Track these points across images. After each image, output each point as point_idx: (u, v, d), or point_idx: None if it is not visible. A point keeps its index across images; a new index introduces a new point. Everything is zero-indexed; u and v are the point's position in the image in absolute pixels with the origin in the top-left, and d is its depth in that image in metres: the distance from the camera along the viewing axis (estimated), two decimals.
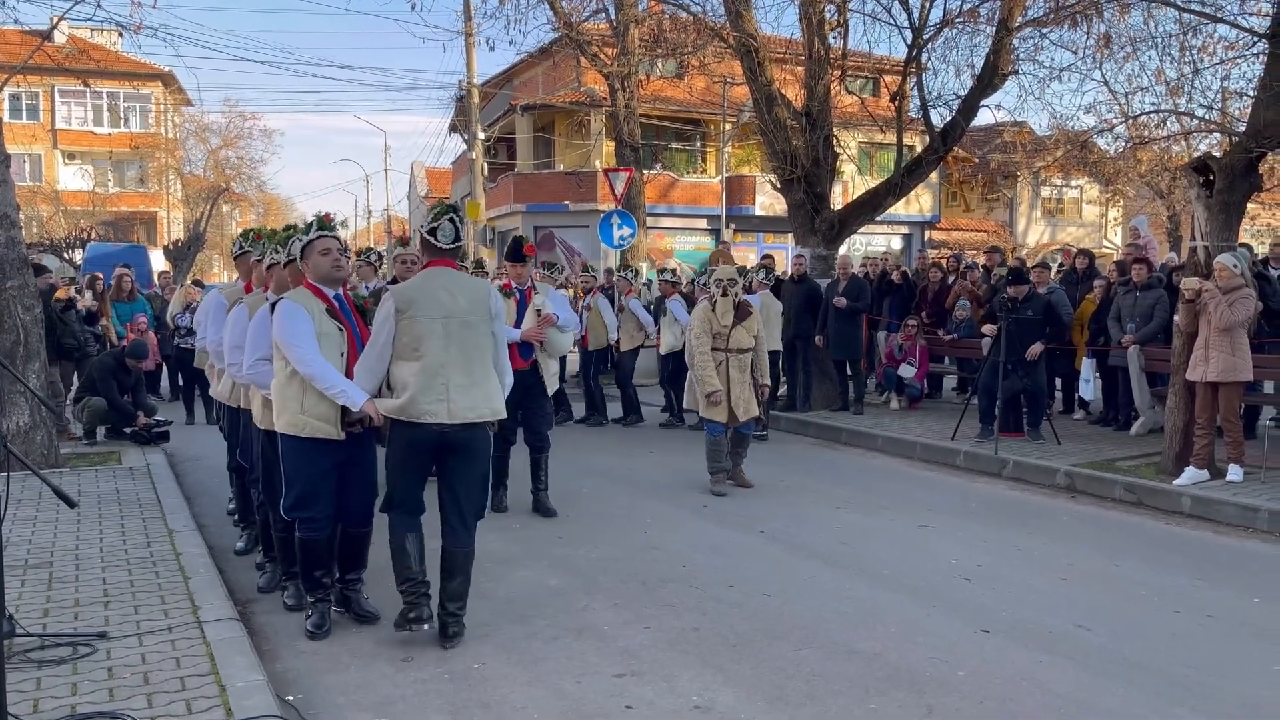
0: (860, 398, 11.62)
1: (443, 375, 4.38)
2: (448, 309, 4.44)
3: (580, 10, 17.10)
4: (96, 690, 3.78)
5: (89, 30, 26.41)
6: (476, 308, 4.53)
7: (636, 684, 4.18)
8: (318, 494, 4.57)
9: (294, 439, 4.52)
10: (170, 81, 40.40)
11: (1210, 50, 10.78)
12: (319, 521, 4.60)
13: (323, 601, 4.73)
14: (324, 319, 4.53)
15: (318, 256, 4.59)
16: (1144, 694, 4.12)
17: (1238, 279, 7.58)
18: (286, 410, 4.52)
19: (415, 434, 4.40)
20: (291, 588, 5.10)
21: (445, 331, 4.41)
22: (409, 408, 4.37)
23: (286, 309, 4.49)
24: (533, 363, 7.03)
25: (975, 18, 11.62)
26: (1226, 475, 7.63)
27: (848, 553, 6.22)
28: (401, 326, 4.40)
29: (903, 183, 12.18)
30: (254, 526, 5.88)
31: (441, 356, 4.39)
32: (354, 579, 4.93)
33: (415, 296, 4.43)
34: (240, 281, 5.95)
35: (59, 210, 36.69)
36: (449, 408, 4.38)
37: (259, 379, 4.82)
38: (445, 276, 4.53)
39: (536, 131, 29.45)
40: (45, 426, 8.29)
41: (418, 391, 4.34)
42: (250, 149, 44.14)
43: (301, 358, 4.41)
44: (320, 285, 4.62)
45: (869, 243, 30.10)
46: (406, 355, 4.41)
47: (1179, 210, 26.45)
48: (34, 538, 5.97)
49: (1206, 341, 7.58)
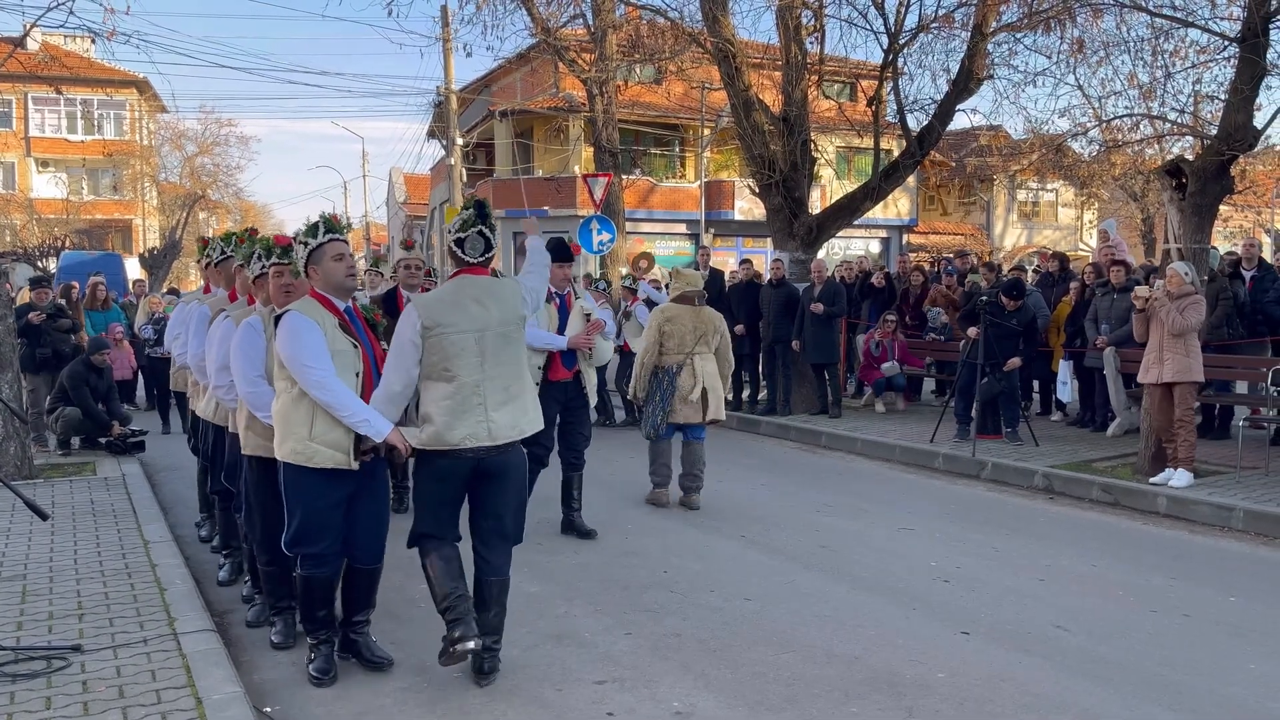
0: (838, 401, 11.66)
1: (479, 395, 3.98)
2: (481, 322, 4.02)
3: (558, 16, 17.07)
4: (71, 704, 3.74)
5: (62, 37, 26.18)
6: (511, 316, 4.14)
7: (618, 690, 4.17)
8: (325, 527, 4.08)
9: (299, 469, 4.01)
10: (145, 88, 40.13)
11: (1182, 54, 10.89)
12: (326, 558, 4.12)
13: (325, 643, 4.26)
14: (336, 334, 4.01)
15: (330, 262, 4.05)
16: (1121, 693, 4.15)
17: (1188, 286, 7.72)
18: (291, 436, 4.00)
19: (449, 462, 3.99)
20: (280, 624, 4.68)
21: (480, 348, 4.00)
22: (445, 435, 3.94)
23: (297, 323, 3.94)
24: (575, 373, 6.53)
25: (950, 23, 11.71)
26: (1171, 481, 7.63)
27: (828, 556, 6.23)
28: (429, 345, 3.96)
29: (880, 187, 12.25)
30: (238, 554, 5.54)
31: (477, 375, 3.98)
32: (361, 621, 4.41)
33: (444, 310, 3.99)
34: (220, 291, 5.49)
35: (33, 218, 36.33)
36: (489, 429, 3.98)
37: (256, 400, 4.31)
38: (476, 285, 4.09)
39: (515, 137, 29.39)
40: (18, 437, 8.20)
41: (453, 416, 3.93)
42: (226, 156, 43.84)
43: (319, 381, 3.90)
44: (330, 296, 4.09)
45: (847, 246, 30.22)
46: (436, 376, 3.98)
47: (1153, 213, 26.72)
48: (7, 550, 5.90)
49: (1160, 345, 7.72)
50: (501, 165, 30.24)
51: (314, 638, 4.26)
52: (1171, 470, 7.73)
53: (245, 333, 4.37)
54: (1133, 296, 8.03)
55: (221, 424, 5.11)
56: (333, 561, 4.16)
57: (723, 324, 7.66)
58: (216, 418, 5.21)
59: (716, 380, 7.43)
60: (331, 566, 4.17)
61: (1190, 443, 7.72)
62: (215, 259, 5.56)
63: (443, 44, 21.85)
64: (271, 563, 4.56)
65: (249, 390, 4.33)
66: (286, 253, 4.30)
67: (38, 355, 10.00)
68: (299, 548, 4.12)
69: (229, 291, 5.28)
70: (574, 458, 6.73)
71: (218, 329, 4.81)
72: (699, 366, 7.31)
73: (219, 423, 5.17)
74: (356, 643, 4.39)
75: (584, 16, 17.20)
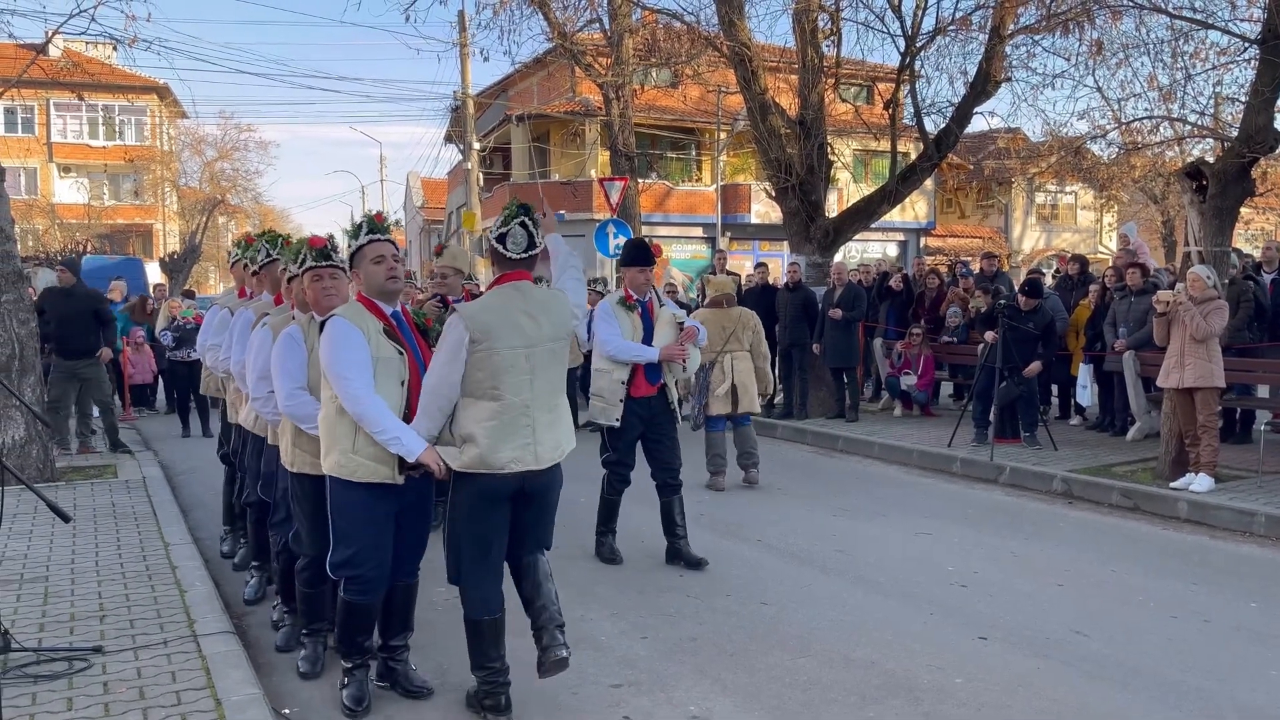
0: (855, 405, 11.63)
1: (527, 416, 3.73)
2: (531, 337, 3.75)
3: (574, 20, 17.12)
4: (92, 705, 3.77)
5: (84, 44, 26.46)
6: (560, 330, 3.90)
7: (634, 694, 4.18)
8: (373, 547, 3.83)
9: (344, 483, 3.79)
10: (166, 94, 40.47)
11: (1202, 56, 10.84)
12: (371, 582, 3.85)
13: (361, 668, 4.02)
14: (381, 341, 3.77)
15: (370, 265, 3.83)
16: (1140, 699, 4.12)
17: (1210, 290, 7.66)
18: (335, 449, 3.79)
19: (491, 484, 3.72)
20: (310, 647, 4.41)
21: (530, 365, 3.74)
22: (489, 458, 3.67)
23: (339, 331, 3.72)
24: (660, 387, 6.05)
25: (968, 26, 11.68)
26: (1191, 486, 7.59)
27: (844, 560, 6.22)
28: (475, 359, 3.67)
29: (897, 190, 12.23)
30: (267, 570, 5.30)
31: (526, 394, 3.73)
32: (400, 645, 4.16)
33: (492, 322, 3.70)
34: (265, 295, 5.20)
35: (55, 224, 36.71)
36: (536, 452, 3.75)
37: (298, 411, 4.06)
38: (523, 296, 3.81)
39: (532, 141, 29.49)
40: (40, 440, 8.28)
41: (498, 439, 3.67)
42: (246, 161, 44.22)
43: (352, 394, 3.67)
44: (375, 300, 3.88)
45: (864, 249, 30.16)
46: (480, 394, 3.70)
47: (1173, 215, 26.52)
48: (29, 552, 5.96)
49: (1181, 349, 7.65)
50: (518, 170, 30.33)
51: (350, 661, 4.01)
52: (1192, 475, 7.67)
53: (284, 344, 4.14)
54: (1154, 300, 7.98)
55: (262, 434, 4.84)
56: (379, 587, 3.90)
57: (754, 319, 7.97)
58: (257, 428, 4.95)
59: (746, 376, 8.03)
60: (378, 594, 3.91)
61: (1212, 447, 7.66)
62: (261, 262, 5.24)
63: (460, 49, 21.96)
64: (312, 583, 4.27)
65: (289, 404, 4.09)
66: (322, 255, 4.11)
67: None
68: (345, 570, 3.85)
69: (274, 296, 5.03)
70: (670, 478, 6.13)
71: (255, 337, 4.60)
72: (729, 364, 7.98)
73: (259, 433, 4.91)
74: (395, 671, 4.15)
75: (600, 21, 17.26)
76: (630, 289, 6.06)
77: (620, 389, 5.90)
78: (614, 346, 5.89)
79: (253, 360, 4.51)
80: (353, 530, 3.82)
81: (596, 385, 6.02)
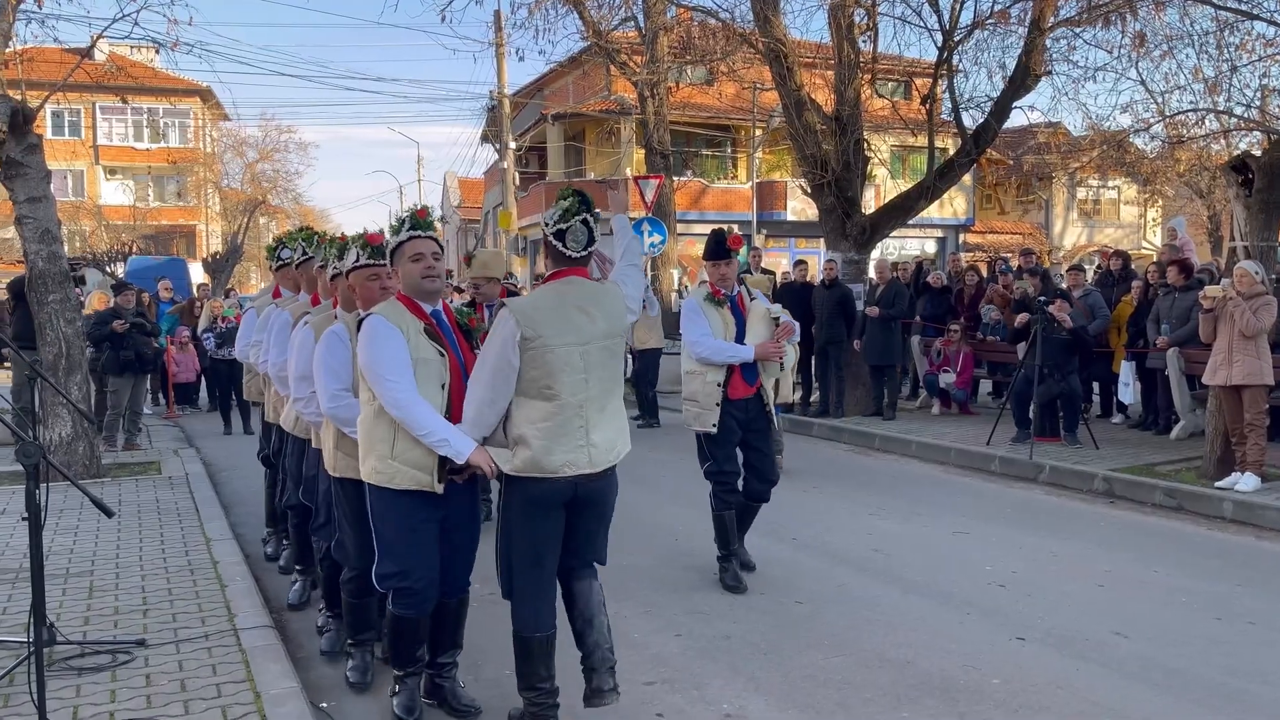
0: (894, 403, 11.54)
1: (581, 417, 3.53)
2: (586, 334, 3.55)
3: (609, 19, 17.16)
4: (135, 697, 3.84)
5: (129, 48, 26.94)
6: (617, 327, 3.69)
7: (667, 692, 4.18)
8: (418, 557, 3.65)
9: (383, 491, 3.63)
10: (208, 97, 41.10)
11: (1248, 47, 10.63)
12: (419, 593, 3.67)
13: (413, 676, 3.87)
14: (421, 341, 3.60)
15: (408, 263, 3.67)
16: (1181, 701, 4.06)
17: (1259, 285, 7.51)
18: (373, 454, 3.63)
19: (543, 489, 3.52)
20: (358, 657, 4.27)
21: (585, 363, 3.54)
22: (542, 461, 3.47)
23: (377, 330, 3.56)
24: (758, 388, 5.57)
25: (1006, 19, 11.54)
26: (1237, 485, 7.44)
27: (880, 560, 6.17)
28: (527, 358, 3.46)
29: (934, 186, 12.10)
30: (311, 574, 5.25)
31: (580, 394, 3.53)
32: (448, 663, 3.98)
33: (545, 319, 3.50)
34: (302, 295, 5.12)
35: (101, 225, 37.41)
36: (590, 454, 3.54)
37: (342, 414, 3.91)
38: (578, 291, 3.61)
39: (567, 140, 29.61)
40: (87, 437, 8.45)
41: (551, 440, 3.48)
42: (286, 162, 44.72)
43: (395, 397, 3.50)
44: (414, 299, 3.70)
45: (902, 246, 29.90)
46: (533, 394, 3.49)
47: (1219, 210, 26.00)
48: (75, 547, 6.09)
49: (1229, 346, 7.51)
50: (554, 168, 30.46)
51: (400, 669, 3.87)
52: (1238, 474, 7.52)
53: (329, 343, 4.00)
54: (1201, 297, 7.84)
55: (304, 436, 4.71)
56: (428, 599, 3.71)
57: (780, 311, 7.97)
58: (298, 429, 4.81)
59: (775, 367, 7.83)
60: (426, 605, 3.71)
61: (1259, 446, 7.51)
62: (297, 260, 5.18)
63: (495, 49, 22.06)
64: (358, 594, 4.14)
65: (332, 406, 3.94)
66: (378, 252, 3.92)
67: (121, 358, 10.30)
68: (391, 581, 3.67)
69: (311, 296, 4.92)
70: (763, 494, 5.67)
71: (297, 336, 4.48)
72: None
73: (301, 435, 4.77)
74: (443, 688, 3.97)
75: (635, 19, 17.27)
76: (714, 283, 5.57)
77: (716, 391, 5.44)
78: (706, 347, 5.42)
79: (295, 360, 4.40)
80: (398, 540, 3.63)
81: (689, 389, 5.58)
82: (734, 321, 5.50)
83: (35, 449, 3.32)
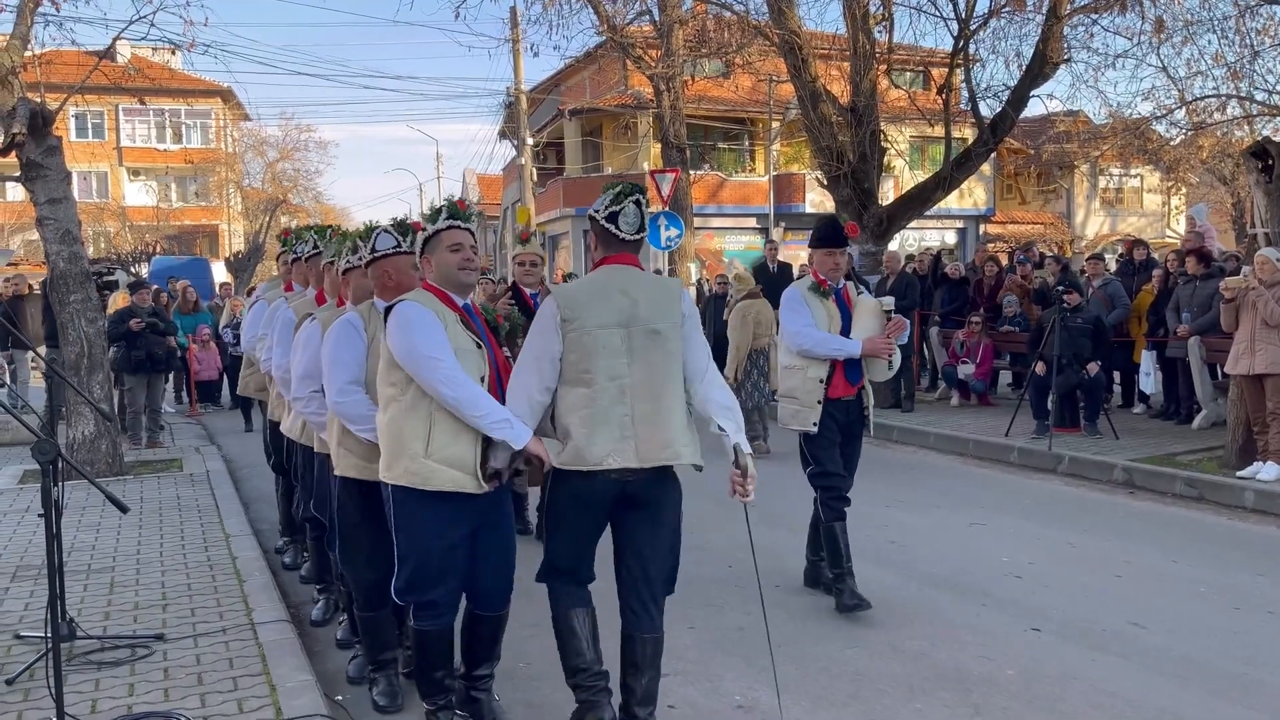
0: (911, 394, 11.49)
1: (624, 404, 3.34)
2: (627, 315, 3.36)
3: (624, 13, 17.15)
4: (152, 691, 3.89)
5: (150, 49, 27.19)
6: (665, 310, 3.43)
7: (680, 684, 4.19)
8: (446, 569, 3.41)
9: (414, 494, 3.34)
10: (229, 97, 41.37)
11: (1270, 32, 10.51)
12: (442, 607, 3.46)
13: (445, 709, 3.62)
14: (457, 331, 3.38)
15: (445, 253, 3.44)
16: (1199, 692, 4.02)
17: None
18: (405, 455, 3.34)
19: (588, 485, 3.37)
20: (383, 682, 3.97)
21: (627, 346, 3.36)
22: (584, 453, 3.31)
23: (413, 314, 3.32)
24: (859, 389, 5.15)
25: (1023, 7, 11.47)
26: (1259, 474, 7.36)
27: (897, 551, 6.15)
28: (568, 341, 3.34)
29: (952, 176, 12.05)
30: (332, 593, 4.96)
31: (620, 378, 3.34)
32: (484, 675, 3.72)
33: (586, 301, 3.37)
34: (309, 291, 4.94)
35: (125, 226, 37.80)
36: (635, 446, 3.33)
37: (349, 410, 3.68)
38: (624, 276, 3.44)
39: (584, 135, 29.60)
40: (109, 436, 8.55)
41: (592, 428, 3.32)
42: (306, 161, 45.03)
43: (447, 375, 3.25)
44: (446, 290, 3.49)
45: (921, 238, 29.73)
46: (574, 380, 3.36)
47: (1243, 197, 25.69)
48: (97, 543, 6.16)
49: (1251, 335, 7.43)
50: (571, 164, 30.48)
51: (430, 703, 3.61)
52: (1260, 463, 7.44)
53: (341, 331, 3.77)
54: (1222, 288, 7.76)
55: (309, 444, 4.41)
56: (451, 612, 3.52)
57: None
58: (303, 438, 4.50)
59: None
60: (450, 616, 3.51)
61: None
62: (306, 254, 5.00)
63: (512, 45, 22.10)
64: (369, 607, 3.91)
65: (338, 400, 3.70)
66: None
67: (133, 357, 10.40)
68: (413, 595, 3.45)
69: (316, 292, 4.74)
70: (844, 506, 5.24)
71: (303, 334, 4.20)
72: None
73: (306, 443, 4.47)
74: (479, 702, 3.69)
75: (650, 13, 17.26)
76: (820, 273, 5.11)
77: (819, 388, 5.00)
78: (809, 338, 4.98)
79: (298, 358, 4.17)
80: (424, 549, 3.40)
81: (787, 385, 5.18)
82: (839, 315, 5.10)
83: (51, 446, 3.36)
